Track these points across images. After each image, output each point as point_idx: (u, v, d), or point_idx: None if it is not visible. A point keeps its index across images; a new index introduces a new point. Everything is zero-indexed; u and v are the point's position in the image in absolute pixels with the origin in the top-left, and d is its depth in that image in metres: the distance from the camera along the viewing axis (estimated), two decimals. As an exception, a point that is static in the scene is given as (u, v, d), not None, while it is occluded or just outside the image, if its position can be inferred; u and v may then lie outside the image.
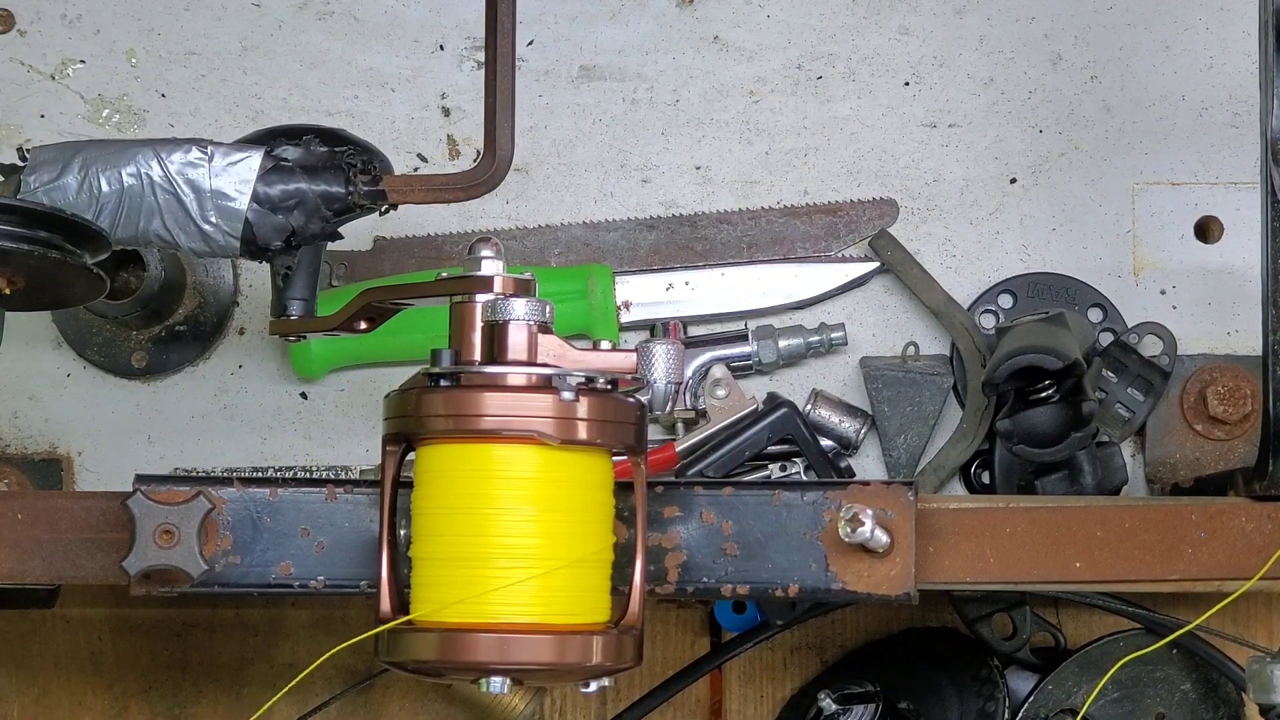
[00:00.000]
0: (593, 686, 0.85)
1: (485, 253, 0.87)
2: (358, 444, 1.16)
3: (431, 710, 1.21)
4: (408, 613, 0.85)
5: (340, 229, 0.98)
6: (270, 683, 1.20)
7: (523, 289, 0.86)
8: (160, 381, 1.17)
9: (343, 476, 1.11)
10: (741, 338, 1.16)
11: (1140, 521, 0.94)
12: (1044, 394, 1.07)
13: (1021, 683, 1.15)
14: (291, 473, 1.15)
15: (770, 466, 1.12)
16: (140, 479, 0.90)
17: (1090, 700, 1.10)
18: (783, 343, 1.15)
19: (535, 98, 1.18)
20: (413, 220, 1.17)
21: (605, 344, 0.86)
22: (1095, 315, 1.16)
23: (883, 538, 0.90)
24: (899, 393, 1.14)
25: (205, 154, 0.94)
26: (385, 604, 0.86)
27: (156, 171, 0.93)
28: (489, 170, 0.95)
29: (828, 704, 1.11)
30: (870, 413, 1.15)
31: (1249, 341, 1.15)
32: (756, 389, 1.16)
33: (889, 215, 1.17)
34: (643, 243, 1.18)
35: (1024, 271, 1.17)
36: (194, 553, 0.88)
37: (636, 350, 0.86)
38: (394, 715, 1.21)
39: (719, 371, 1.14)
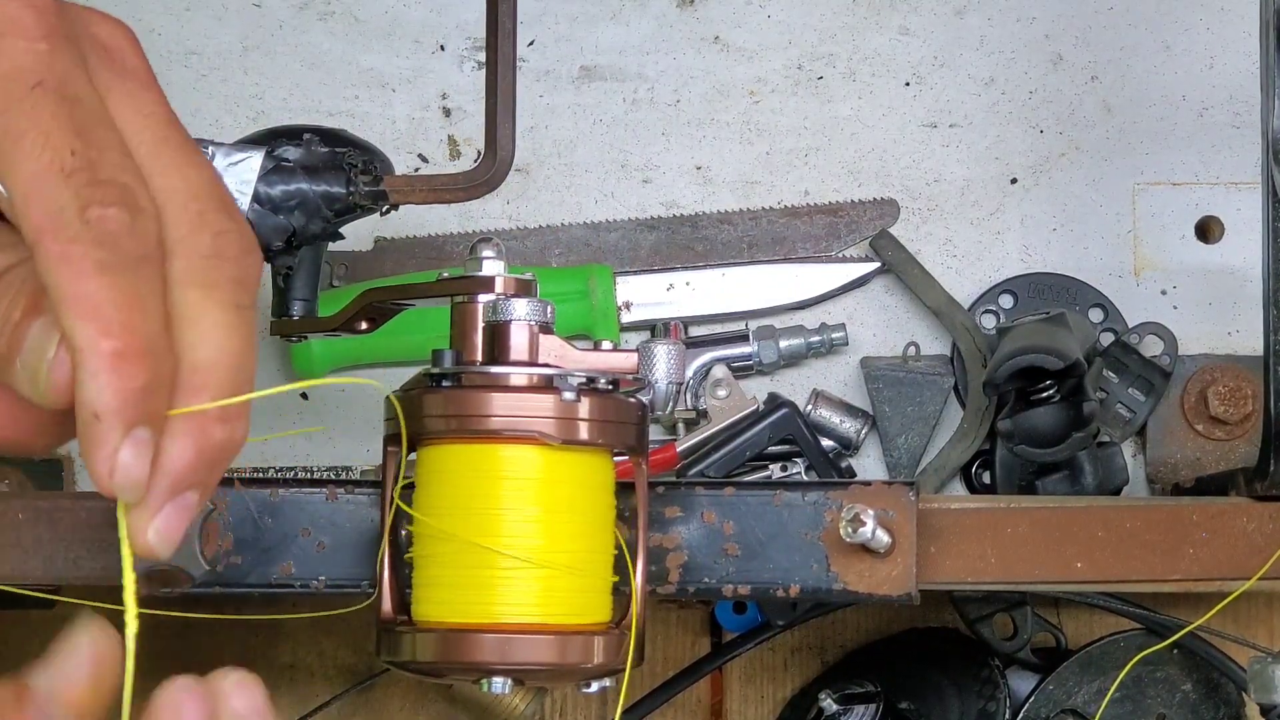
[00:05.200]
0: (594, 687, 0.85)
1: (486, 253, 0.86)
2: (358, 444, 1.16)
3: (431, 710, 1.20)
4: (409, 613, 0.85)
5: (341, 229, 0.98)
6: (270, 683, 1.19)
7: (524, 289, 0.86)
8: (161, 382, 1.17)
9: (343, 477, 1.11)
10: (742, 338, 1.16)
11: (1141, 522, 0.94)
12: (1045, 394, 1.07)
13: (1022, 683, 1.15)
14: (292, 473, 1.15)
15: (771, 467, 1.12)
16: (141, 479, 0.89)
17: (1104, 706, 1.10)
18: (783, 343, 1.15)
19: (536, 98, 1.18)
20: (413, 221, 1.17)
21: (606, 344, 0.86)
22: (1096, 315, 1.16)
23: (884, 538, 0.90)
24: (900, 393, 1.14)
25: (206, 154, 0.94)
26: (386, 604, 0.86)
27: (157, 172, 0.93)
28: (490, 170, 0.95)
29: (829, 704, 1.11)
30: (871, 413, 1.15)
31: (1250, 341, 1.15)
32: (757, 389, 1.16)
33: (890, 215, 1.17)
34: (643, 243, 1.18)
35: (1025, 271, 1.17)
36: (195, 553, 0.88)
37: (638, 350, 0.86)
38: (394, 715, 1.21)
39: (720, 372, 1.14)
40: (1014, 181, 1.18)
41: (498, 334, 0.84)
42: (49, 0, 0.62)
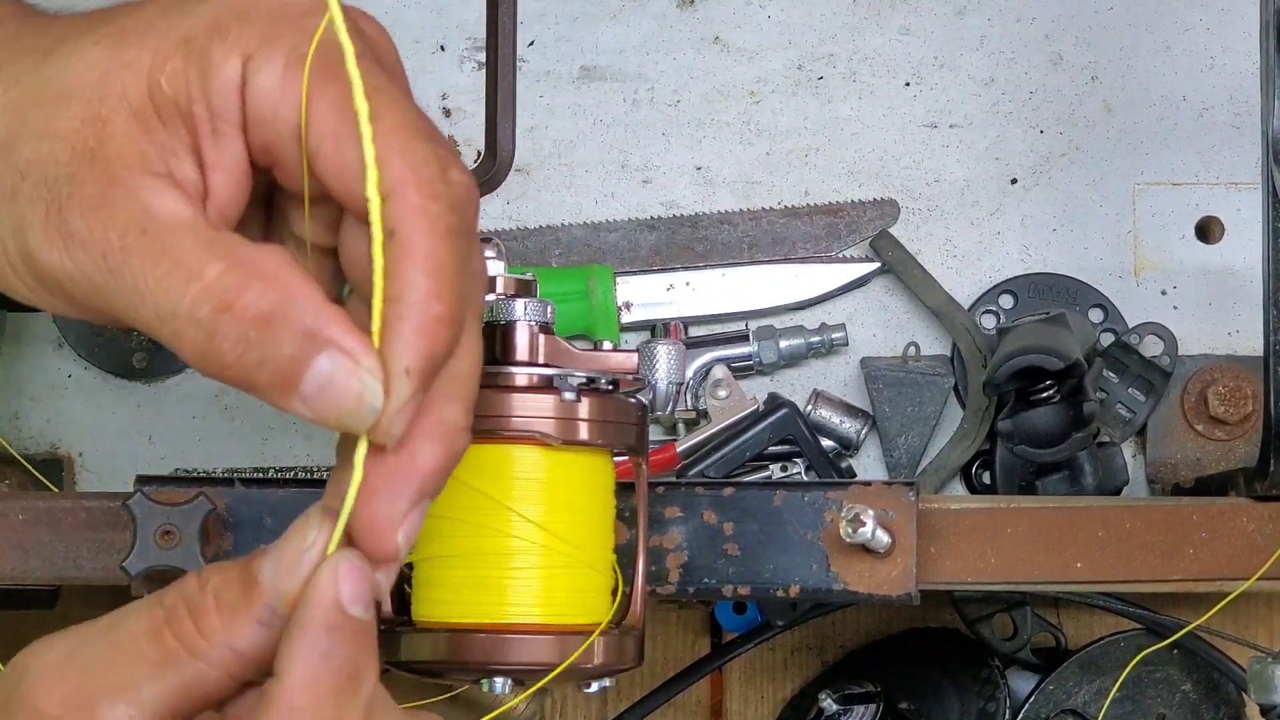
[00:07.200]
0: (594, 687, 0.85)
1: (487, 253, 0.86)
2: (358, 444, 1.16)
3: (431, 710, 1.20)
4: (409, 613, 0.85)
5: (341, 229, 0.97)
6: (271, 683, 1.20)
7: (524, 289, 0.86)
8: (161, 382, 1.17)
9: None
10: (742, 338, 1.16)
11: (1141, 522, 0.94)
12: (1045, 394, 1.07)
13: (1022, 683, 1.15)
14: (293, 473, 1.15)
15: (771, 467, 1.12)
16: (141, 480, 0.89)
17: (1105, 706, 1.10)
18: (784, 343, 1.15)
19: (536, 98, 1.18)
20: (413, 221, 1.17)
21: (607, 344, 0.86)
22: (1096, 315, 1.16)
23: (884, 538, 0.90)
24: (900, 393, 1.14)
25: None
26: (386, 604, 0.86)
27: (157, 172, 0.93)
28: (490, 171, 0.95)
29: (829, 704, 1.11)
30: (871, 413, 1.15)
31: (1250, 342, 1.15)
32: (757, 389, 1.16)
33: (890, 216, 1.17)
34: (643, 243, 1.18)
35: (1025, 272, 1.17)
36: (195, 553, 0.88)
37: (638, 351, 0.86)
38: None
39: (720, 372, 1.14)
40: (1014, 181, 1.18)
41: (498, 334, 0.84)
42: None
